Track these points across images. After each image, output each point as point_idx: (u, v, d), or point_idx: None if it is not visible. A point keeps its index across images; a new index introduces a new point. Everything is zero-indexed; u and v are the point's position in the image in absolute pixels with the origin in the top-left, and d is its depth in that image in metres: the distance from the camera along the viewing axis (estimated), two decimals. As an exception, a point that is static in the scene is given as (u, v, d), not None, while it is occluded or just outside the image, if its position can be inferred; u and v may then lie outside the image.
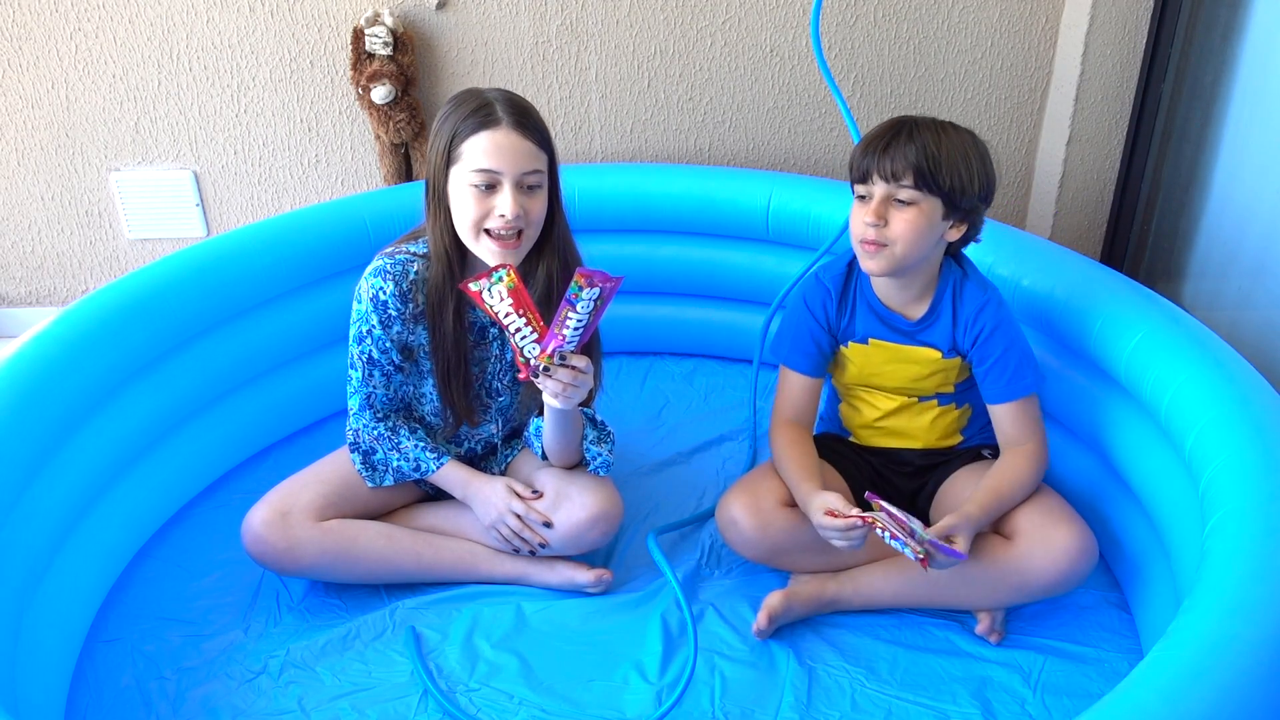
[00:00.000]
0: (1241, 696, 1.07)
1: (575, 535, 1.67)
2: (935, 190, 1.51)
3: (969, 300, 1.61)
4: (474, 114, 1.53)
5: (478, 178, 1.51)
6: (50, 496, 1.54)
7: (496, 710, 1.51)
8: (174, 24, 2.31)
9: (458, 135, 1.53)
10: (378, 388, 1.68)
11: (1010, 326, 1.60)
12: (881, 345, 1.66)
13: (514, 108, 1.55)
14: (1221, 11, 2.13)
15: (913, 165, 1.50)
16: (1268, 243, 2.01)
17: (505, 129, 1.52)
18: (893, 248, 1.53)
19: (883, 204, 1.52)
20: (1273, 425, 1.39)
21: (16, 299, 2.63)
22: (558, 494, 1.68)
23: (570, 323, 1.44)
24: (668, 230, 2.27)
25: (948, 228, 1.56)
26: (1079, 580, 1.54)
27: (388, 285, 1.61)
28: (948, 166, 1.50)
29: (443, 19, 2.32)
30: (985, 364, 1.61)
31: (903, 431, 1.72)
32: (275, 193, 2.50)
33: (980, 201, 1.56)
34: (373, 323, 1.63)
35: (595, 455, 1.68)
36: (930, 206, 1.52)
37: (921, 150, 1.50)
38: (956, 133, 1.55)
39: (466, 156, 1.52)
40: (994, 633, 1.61)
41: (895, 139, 1.52)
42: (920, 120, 1.55)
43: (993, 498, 1.56)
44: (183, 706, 1.52)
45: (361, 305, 1.63)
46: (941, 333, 1.62)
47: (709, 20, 2.34)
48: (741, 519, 1.65)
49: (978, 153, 1.55)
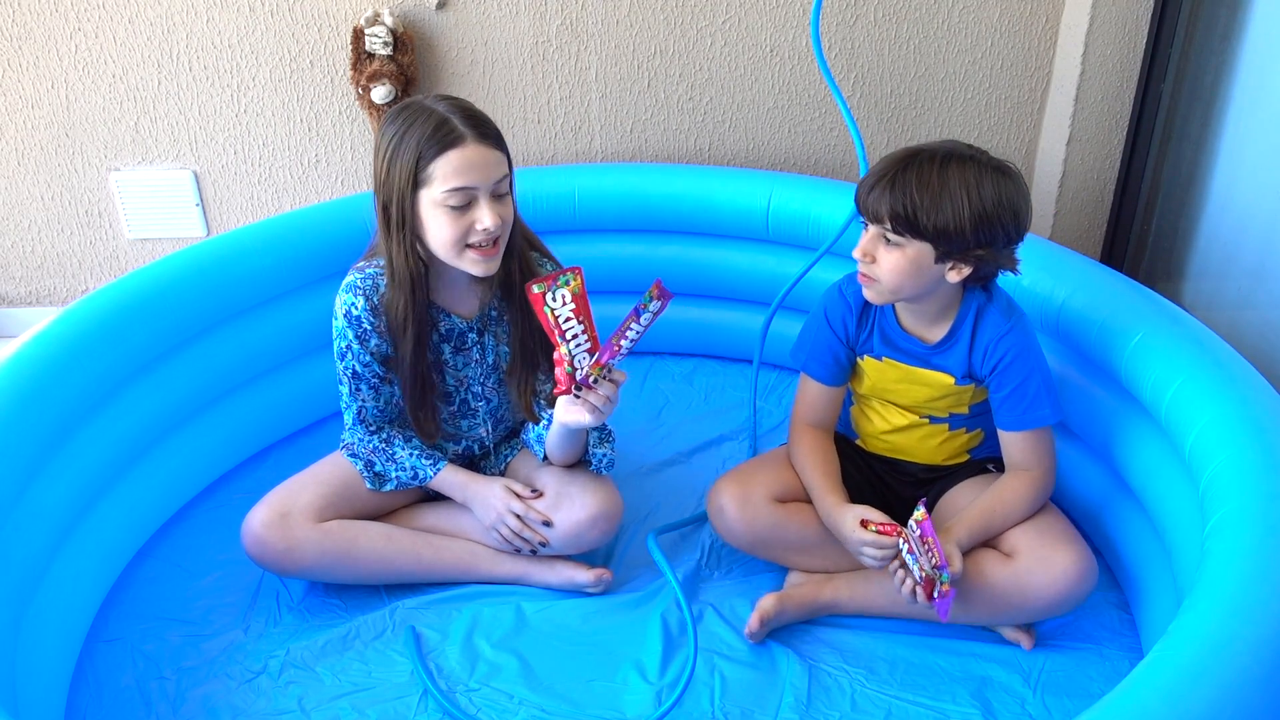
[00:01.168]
0: (1241, 696, 1.07)
1: (575, 535, 1.67)
2: (918, 236, 1.47)
3: (989, 327, 1.57)
4: (435, 133, 1.49)
5: (454, 198, 1.49)
6: (50, 496, 1.54)
7: (496, 710, 1.51)
8: (174, 24, 2.31)
9: (423, 158, 1.49)
10: (367, 401, 1.68)
11: (1032, 356, 1.57)
12: (895, 365, 1.65)
13: (471, 119, 1.52)
14: (1221, 11, 2.13)
15: (889, 212, 1.46)
16: (1268, 243, 2.01)
17: (472, 144, 1.49)
18: (880, 283, 1.52)
19: (873, 240, 1.51)
20: (1273, 425, 1.39)
21: (16, 299, 2.63)
22: (558, 494, 1.68)
23: (630, 333, 1.41)
24: (668, 230, 2.27)
25: (945, 269, 1.50)
26: (1079, 601, 1.54)
27: (359, 300, 1.61)
28: (930, 213, 1.44)
29: (443, 19, 2.32)
30: (1002, 392, 1.58)
31: (908, 450, 1.72)
32: (275, 193, 2.50)
33: (977, 245, 1.47)
34: (350, 338, 1.63)
35: (599, 456, 1.68)
36: (917, 251, 1.48)
37: (901, 197, 1.45)
38: (960, 172, 1.45)
39: (438, 178, 1.49)
40: (1025, 638, 1.60)
41: (882, 179, 1.48)
42: (924, 156, 1.47)
43: (983, 521, 1.56)
44: (183, 706, 1.52)
45: (338, 321, 1.64)
46: (958, 358, 1.60)
47: (709, 20, 2.34)
48: (729, 507, 1.67)
49: (978, 195, 1.45)
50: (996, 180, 1.47)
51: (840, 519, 1.58)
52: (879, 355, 1.66)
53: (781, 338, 2.22)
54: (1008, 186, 1.48)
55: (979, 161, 1.48)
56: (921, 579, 1.46)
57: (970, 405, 1.66)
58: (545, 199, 2.19)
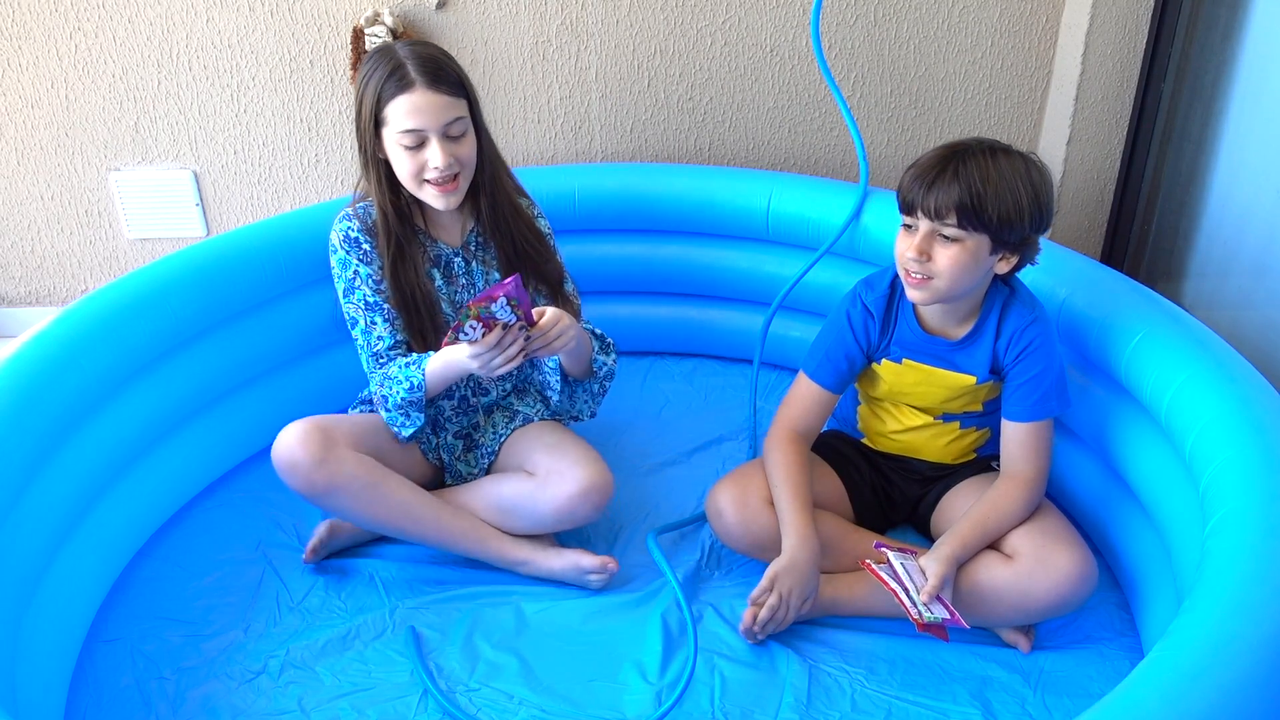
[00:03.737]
0: (1241, 696, 1.07)
1: (569, 508, 1.69)
2: (981, 228, 1.47)
3: (1014, 317, 1.58)
4: (390, 78, 1.61)
5: (406, 139, 1.62)
6: (50, 496, 1.54)
7: (496, 710, 1.51)
8: (174, 24, 2.31)
9: (381, 100, 1.62)
10: (383, 334, 1.70)
11: (1050, 347, 1.58)
12: (914, 366, 1.65)
13: (425, 65, 1.62)
14: (1221, 11, 2.13)
15: (956, 204, 1.46)
16: (1268, 243, 2.01)
17: (420, 89, 1.60)
18: (937, 281, 1.51)
19: (928, 238, 1.50)
20: (1273, 425, 1.39)
21: (16, 299, 2.63)
22: (548, 471, 1.71)
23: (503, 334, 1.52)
24: (668, 230, 2.27)
25: (996, 260, 1.52)
26: (1079, 603, 1.54)
27: (353, 224, 1.71)
28: (994, 203, 1.46)
29: (443, 19, 2.32)
30: (1018, 380, 1.59)
31: (918, 449, 1.73)
32: (275, 193, 2.50)
33: (1032, 232, 1.51)
34: (354, 264, 1.70)
35: (600, 364, 1.75)
36: (976, 243, 1.49)
37: (967, 189, 1.45)
38: (1009, 163, 1.48)
39: (392, 119, 1.62)
40: (1023, 640, 1.60)
41: (941, 174, 1.47)
42: (971, 149, 1.49)
43: (977, 531, 1.56)
44: (183, 706, 1.52)
45: (338, 253, 1.71)
46: (982, 353, 1.60)
47: (709, 20, 2.34)
48: (727, 510, 1.68)
49: (1030, 183, 1.48)
50: (1036, 170, 1.51)
51: (795, 539, 1.57)
52: (898, 359, 1.66)
53: (781, 338, 2.22)
54: (1044, 176, 1.52)
55: (1016, 153, 1.51)
56: (912, 603, 1.49)
57: (984, 403, 1.66)
58: (545, 199, 2.18)
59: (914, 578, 1.51)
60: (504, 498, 1.73)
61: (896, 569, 1.52)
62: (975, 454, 1.73)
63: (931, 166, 1.49)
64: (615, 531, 1.85)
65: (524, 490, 1.72)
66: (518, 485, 1.73)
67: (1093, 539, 1.76)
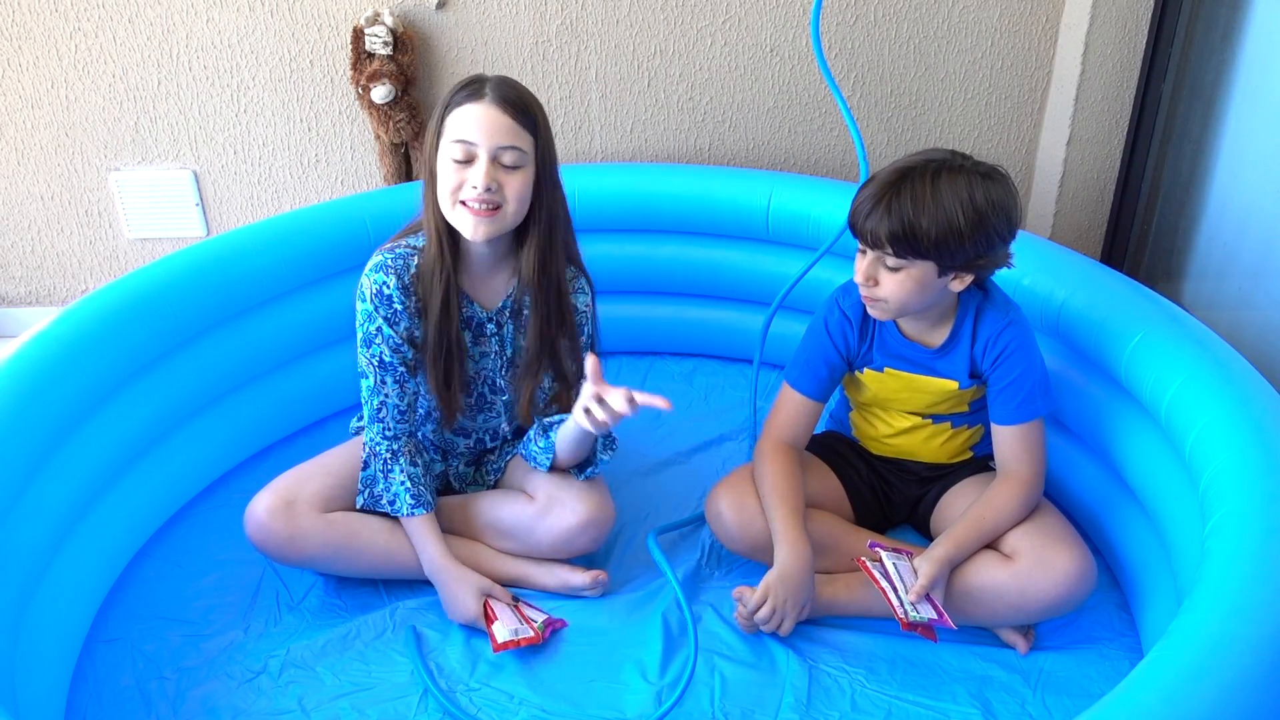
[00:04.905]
0: (1241, 696, 1.07)
1: (566, 540, 1.68)
2: (919, 255, 1.47)
3: (989, 322, 1.58)
4: (465, 88, 1.55)
5: (456, 150, 1.53)
6: (50, 496, 1.54)
7: (496, 710, 1.51)
8: (174, 24, 2.31)
9: (448, 107, 1.55)
10: (390, 395, 1.64)
11: (1029, 349, 1.58)
12: (896, 375, 1.65)
13: (504, 87, 1.55)
14: (1221, 11, 2.13)
15: (888, 236, 1.46)
16: (1268, 243, 2.01)
17: (487, 103, 1.52)
18: (887, 303, 1.53)
19: (873, 265, 1.51)
20: (1273, 425, 1.39)
21: (16, 299, 2.63)
22: (549, 498, 1.69)
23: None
24: (668, 230, 2.27)
25: (948, 280, 1.52)
26: (1079, 602, 1.54)
27: (390, 280, 1.60)
28: (931, 232, 1.44)
29: (443, 18, 2.32)
30: (1000, 384, 1.59)
31: (913, 450, 1.73)
32: (275, 193, 2.50)
33: (979, 253, 1.49)
34: (379, 321, 1.61)
35: (599, 461, 1.70)
36: (921, 269, 1.49)
37: (900, 220, 1.45)
38: (951, 186, 1.45)
39: (449, 129, 1.54)
40: (1022, 641, 1.60)
41: (878, 204, 1.47)
42: (916, 172, 1.47)
43: (973, 532, 1.56)
44: (183, 706, 1.52)
45: (365, 304, 1.61)
46: (960, 359, 1.61)
47: (709, 20, 2.34)
48: (726, 513, 1.68)
49: (970, 205, 1.45)
50: (986, 187, 1.47)
51: (787, 550, 1.56)
52: (879, 366, 1.66)
53: (781, 338, 2.22)
54: (998, 191, 1.48)
55: (967, 170, 1.48)
56: (900, 602, 1.49)
57: (970, 403, 1.66)
58: (545, 199, 2.19)
59: (905, 577, 1.51)
60: (502, 521, 1.72)
61: (888, 568, 1.52)
62: (971, 452, 1.73)
63: (871, 195, 1.49)
64: (615, 531, 1.85)
65: (524, 516, 1.70)
66: (518, 510, 1.71)
67: (1092, 539, 1.76)
